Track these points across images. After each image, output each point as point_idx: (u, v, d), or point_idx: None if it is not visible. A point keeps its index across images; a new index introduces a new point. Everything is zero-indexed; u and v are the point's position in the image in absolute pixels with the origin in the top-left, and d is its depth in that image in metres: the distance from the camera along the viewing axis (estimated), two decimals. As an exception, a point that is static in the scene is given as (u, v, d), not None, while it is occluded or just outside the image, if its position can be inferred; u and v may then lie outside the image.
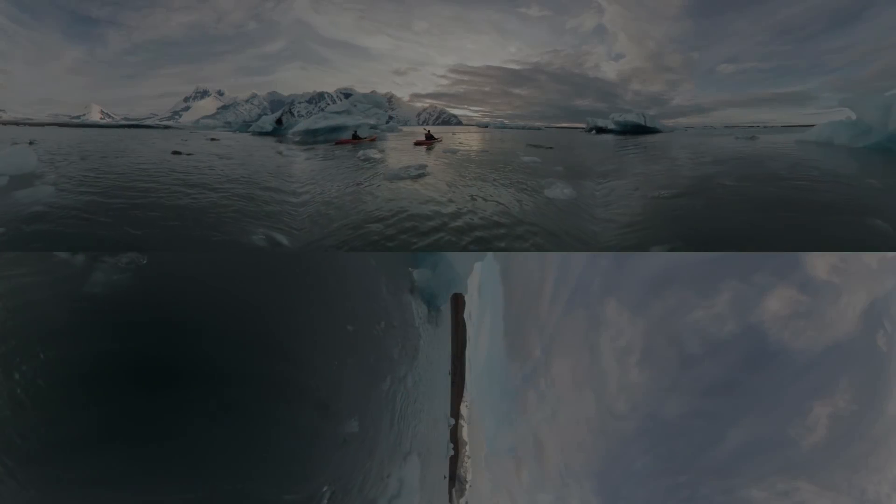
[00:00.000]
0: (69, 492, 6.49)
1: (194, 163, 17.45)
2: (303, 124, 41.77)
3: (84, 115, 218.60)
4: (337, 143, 31.43)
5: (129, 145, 27.83)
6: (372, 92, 45.95)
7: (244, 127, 57.91)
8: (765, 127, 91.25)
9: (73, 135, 44.34)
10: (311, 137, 38.63)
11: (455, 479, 40.27)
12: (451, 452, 35.11)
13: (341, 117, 40.89)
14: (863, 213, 10.21)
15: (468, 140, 43.96)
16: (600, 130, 61.33)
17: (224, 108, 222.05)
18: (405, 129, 69.11)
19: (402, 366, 12.01)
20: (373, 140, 34.93)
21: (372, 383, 10.74)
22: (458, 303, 34.83)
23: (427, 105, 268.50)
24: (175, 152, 20.71)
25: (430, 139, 33.84)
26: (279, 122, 48.06)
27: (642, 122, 57.94)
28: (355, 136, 34.91)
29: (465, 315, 45.42)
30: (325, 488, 8.79)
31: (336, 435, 9.47)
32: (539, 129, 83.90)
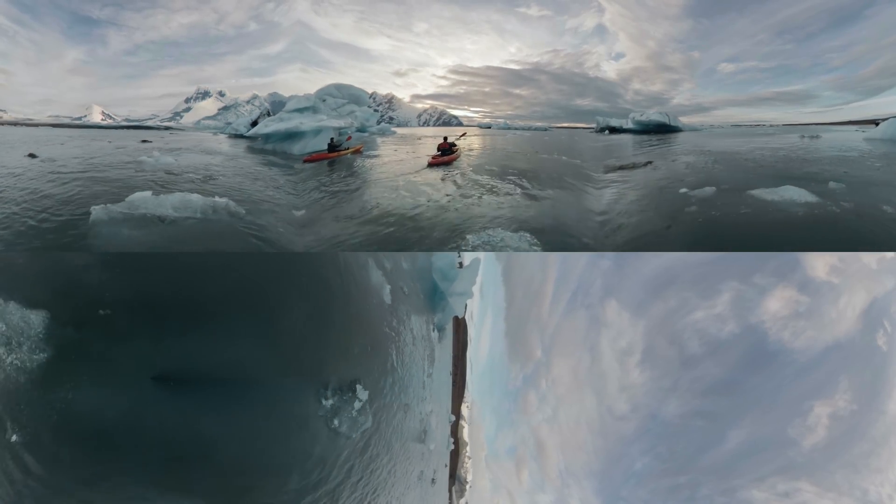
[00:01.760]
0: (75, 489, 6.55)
1: (39, 167, 15.82)
2: (256, 128, 31.11)
3: (85, 115, 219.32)
4: (306, 161, 21.59)
5: (27, 145, 24.81)
6: (372, 93, 38.50)
7: (225, 128, 55.37)
8: (816, 125, 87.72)
9: (54, 135, 41.78)
10: (262, 144, 28.35)
11: (455, 478, 40.32)
12: (452, 447, 35.20)
13: (301, 117, 27.70)
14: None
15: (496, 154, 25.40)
16: (613, 130, 59.12)
17: (225, 108, 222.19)
18: (402, 130, 61.37)
19: (429, 367, 19.79)
20: (357, 151, 25.21)
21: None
22: (457, 318, 36.46)
23: (428, 106, 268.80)
24: (30, 155, 20.10)
25: (448, 153, 21.63)
26: (254, 124, 44.78)
27: (666, 121, 56.12)
28: (332, 148, 23.91)
29: (467, 316, 45.65)
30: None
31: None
32: (545, 129, 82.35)
